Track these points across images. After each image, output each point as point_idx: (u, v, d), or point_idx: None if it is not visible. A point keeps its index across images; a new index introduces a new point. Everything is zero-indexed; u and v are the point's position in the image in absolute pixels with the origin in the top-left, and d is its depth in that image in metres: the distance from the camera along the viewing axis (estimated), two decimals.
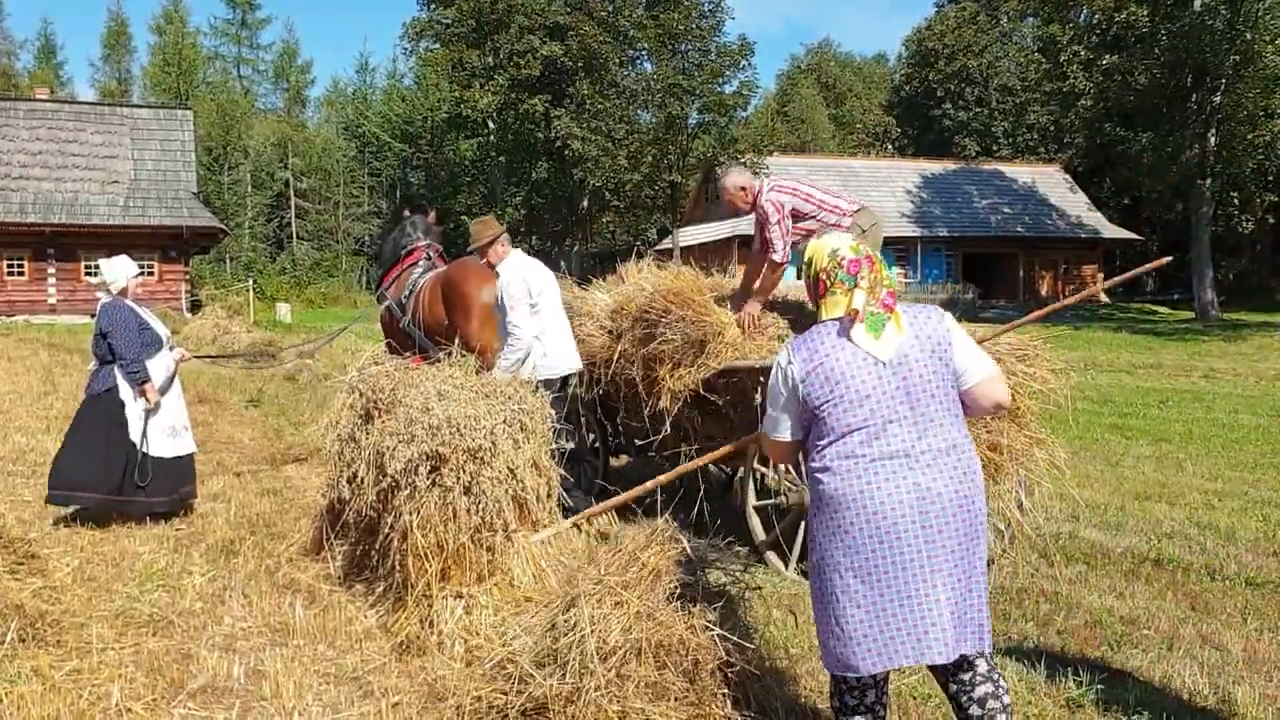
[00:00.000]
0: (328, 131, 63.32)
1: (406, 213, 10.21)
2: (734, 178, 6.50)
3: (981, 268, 44.02)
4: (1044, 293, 43.28)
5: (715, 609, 3.78)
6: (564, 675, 3.51)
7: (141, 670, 4.32)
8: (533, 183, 45.06)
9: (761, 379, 6.15)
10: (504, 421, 4.93)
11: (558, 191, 45.49)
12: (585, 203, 45.43)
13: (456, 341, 6.95)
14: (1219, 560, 6.26)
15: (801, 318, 6.69)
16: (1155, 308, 39.79)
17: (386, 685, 4.24)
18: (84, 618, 4.86)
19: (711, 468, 7.75)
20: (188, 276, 34.69)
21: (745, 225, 25.47)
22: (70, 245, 32.42)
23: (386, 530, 4.97)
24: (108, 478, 6.75)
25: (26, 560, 5.19)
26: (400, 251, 9.49)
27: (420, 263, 9.19)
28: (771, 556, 6.10)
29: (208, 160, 51.18)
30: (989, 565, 6.00)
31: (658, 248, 38.47)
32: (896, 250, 41.30)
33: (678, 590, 3.78)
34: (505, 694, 3.77)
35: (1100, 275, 43.26)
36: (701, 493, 6.40)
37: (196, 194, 35.13)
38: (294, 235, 55.89)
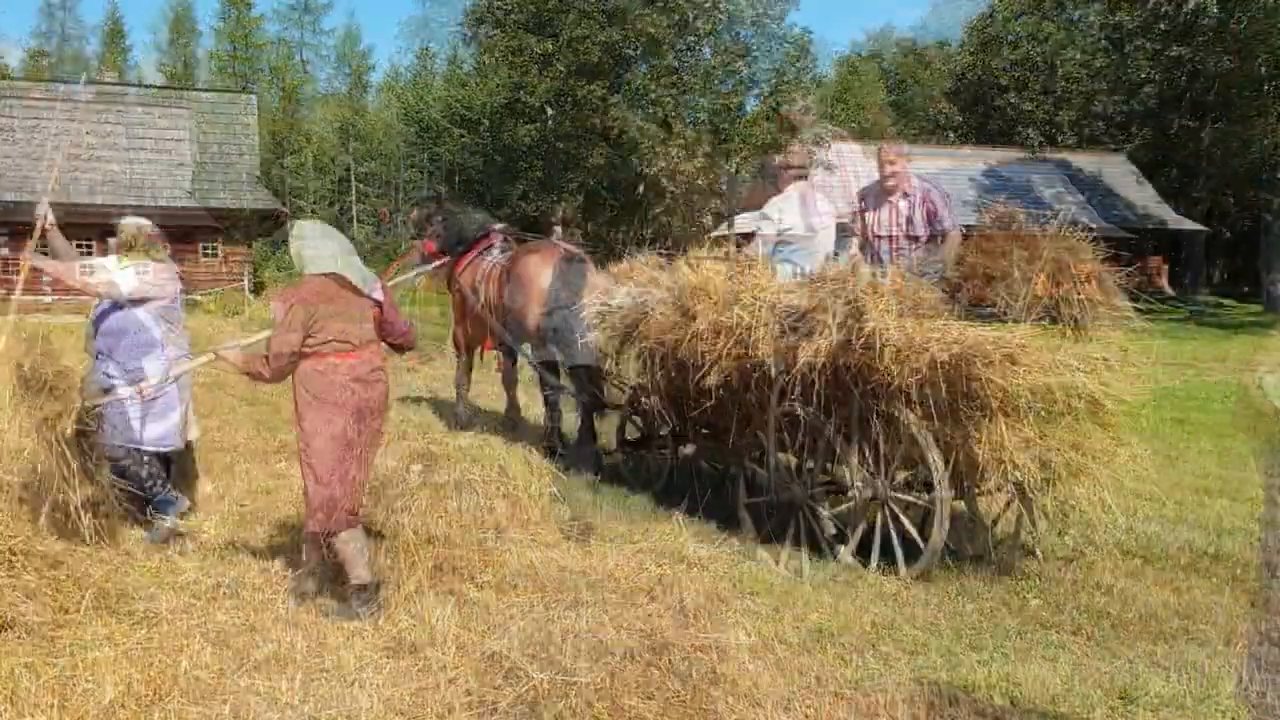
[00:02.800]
0: (388, 117, 63.84)
1: (433, 202, 10.17)
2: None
3: None
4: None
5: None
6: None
7: (209, 641, 4.43)
8: (589, 169, 45.11)
9: None
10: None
11: (614, 177, 45.49)
12: (641, 189, 45.41)
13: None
14: None
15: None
16: (1223, 300, 38.90)
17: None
18: (153, 587, 5.01)
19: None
20: (250, 259, 35.25)
21: None
22: None
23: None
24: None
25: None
26: (471, 236, 9.52)
27: (497, 244, 9.20)
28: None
29: (270, 144, 51.83)
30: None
31: (713, 234, 38.35)
32: None
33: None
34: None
35: (1166, 267, 42.35)
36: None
37: (259, 177, 35.65)
38: (355, 219, 56.54)
